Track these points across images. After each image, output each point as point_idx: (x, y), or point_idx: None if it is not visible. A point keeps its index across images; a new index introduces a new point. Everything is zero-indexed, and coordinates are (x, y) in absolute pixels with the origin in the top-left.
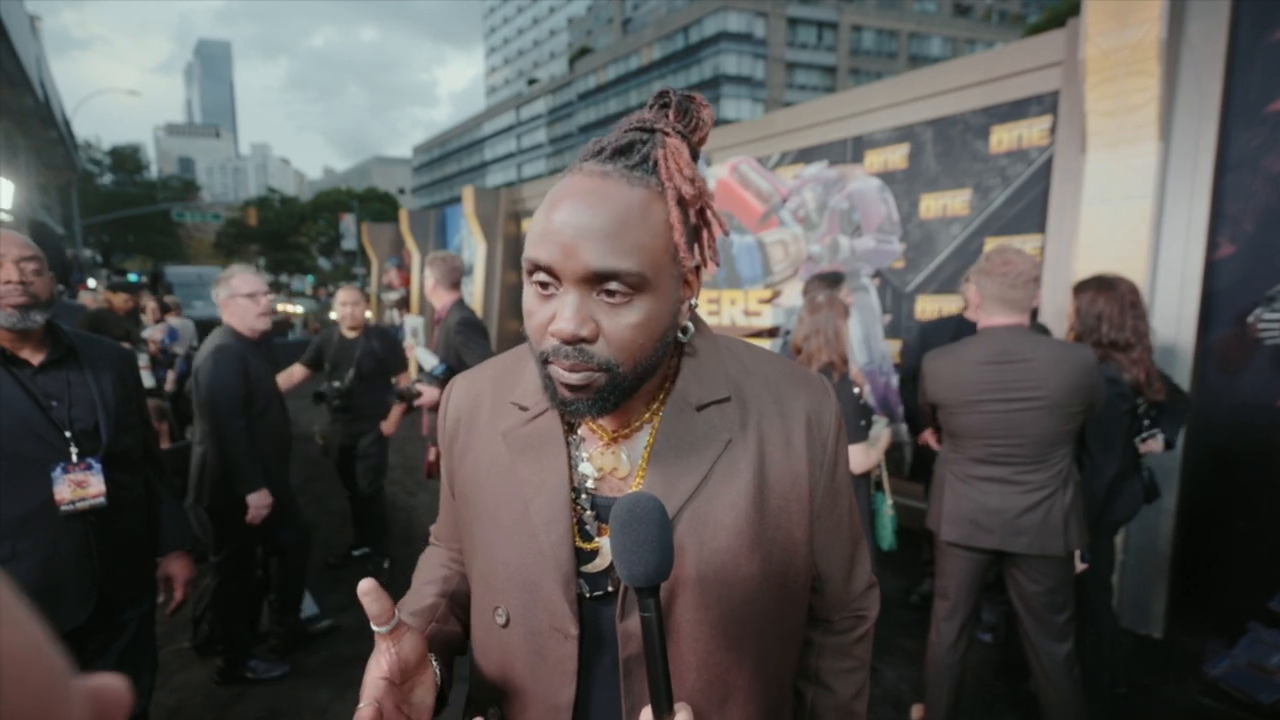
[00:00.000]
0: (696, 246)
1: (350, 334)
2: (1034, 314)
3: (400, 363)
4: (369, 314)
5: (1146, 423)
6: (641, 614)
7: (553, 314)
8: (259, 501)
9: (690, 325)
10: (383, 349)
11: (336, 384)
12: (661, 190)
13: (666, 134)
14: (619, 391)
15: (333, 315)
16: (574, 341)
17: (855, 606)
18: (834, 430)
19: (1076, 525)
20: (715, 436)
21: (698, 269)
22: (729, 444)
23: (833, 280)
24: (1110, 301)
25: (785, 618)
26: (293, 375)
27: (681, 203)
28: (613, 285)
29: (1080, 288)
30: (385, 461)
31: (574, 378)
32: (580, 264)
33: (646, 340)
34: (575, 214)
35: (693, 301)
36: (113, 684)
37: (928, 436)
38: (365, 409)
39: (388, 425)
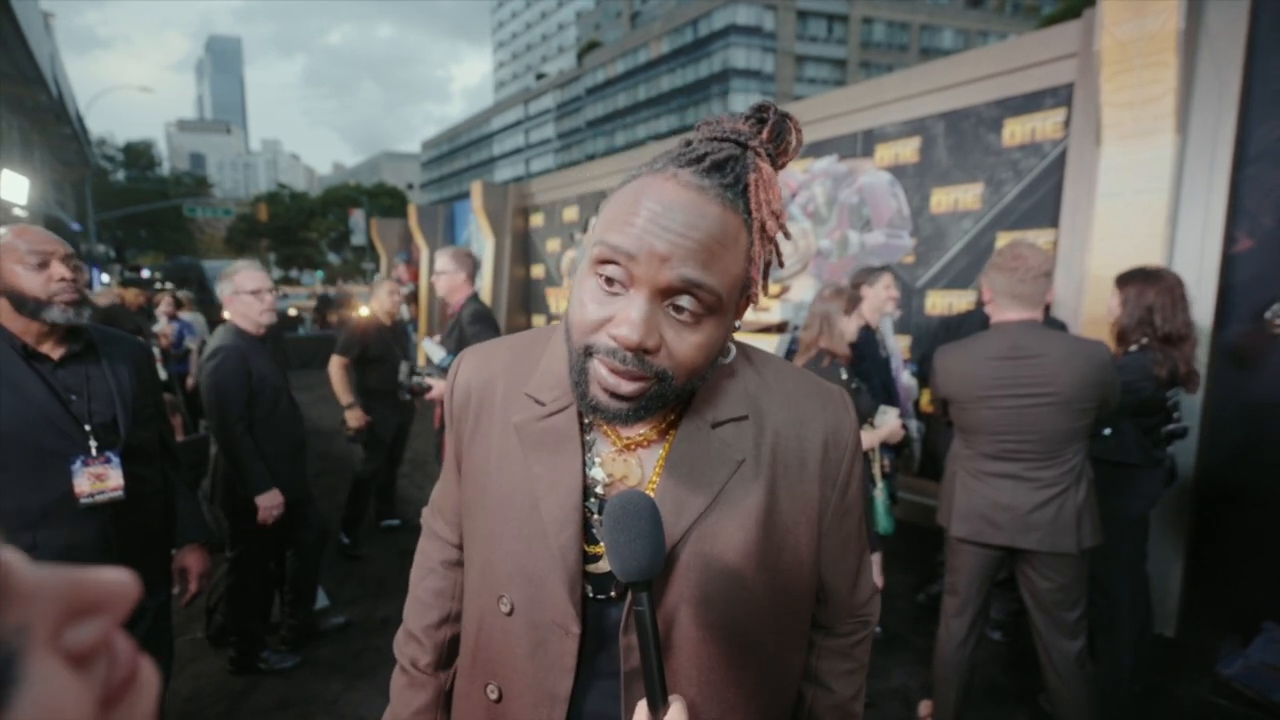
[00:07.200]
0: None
1: (388, 322)
2: (1046, 310)
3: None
4: None
5: (1177, 415)
6: (634, 608)
7: (612, 314)
8: (268, 502)
9: (732, 348)
10: (401, 335)
11: (417, 377)
12: (747, 219)
13: (759, 154)
14: (662, 402)
15: (364, 308)
16: (637, 350)
17: (859, 614)
18: (850, 449)
19: (1089, 523)
20: (729, 456)
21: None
22: (742, 464)
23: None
24: (1160, 293)
25: (788, 633)
26: (343, 372)
27: (763, 236)
28: (685, 301)
29: (1125, 280)
30: None
31: (627, 387)
32: (673, 273)
33: (705, 361)
34: (673, 222)
35: (736, 324)
36: (109, 575)
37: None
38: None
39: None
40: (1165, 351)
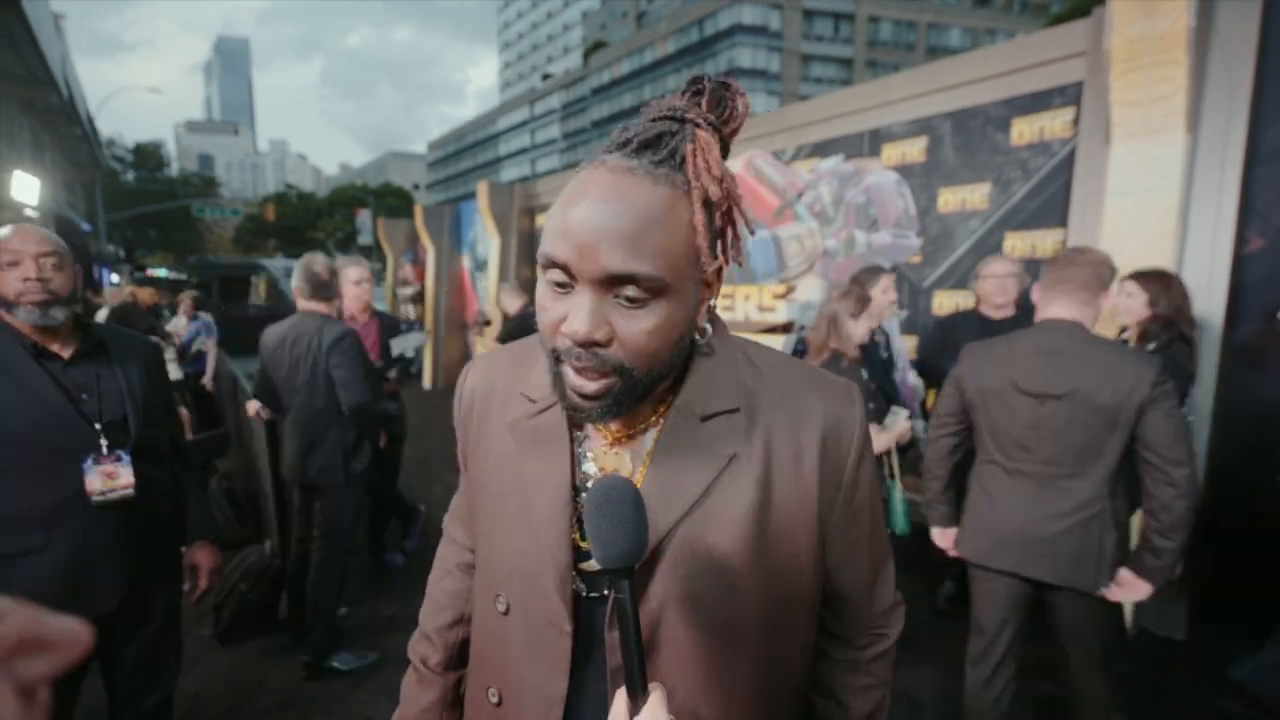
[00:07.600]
0: (719, 246)
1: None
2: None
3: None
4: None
5: (1185, 410)
6: (615, 595)
7: (565, 313)
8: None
9: (708, 327)
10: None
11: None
12: (688, 189)
13: (698, 125)
14: (632, 396)
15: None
16: (588, 345)
17: (876, 626)
18: (855, 446)
19: (1113, 558)
20: (718, 450)
21: (719, 270)
22: (733, 459)
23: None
24: (1182, 295)
25: (786, 639)
26: None
27: (707, 204)
28: (629, 290)
29: (1148, 278)
30: None
31: (590, 387)
32: (598, 266)
33: (662, 345)
34: (594, 213)
35: (711, 302)
36: (65, 620)
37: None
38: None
39: None
40: (1184, 350)
